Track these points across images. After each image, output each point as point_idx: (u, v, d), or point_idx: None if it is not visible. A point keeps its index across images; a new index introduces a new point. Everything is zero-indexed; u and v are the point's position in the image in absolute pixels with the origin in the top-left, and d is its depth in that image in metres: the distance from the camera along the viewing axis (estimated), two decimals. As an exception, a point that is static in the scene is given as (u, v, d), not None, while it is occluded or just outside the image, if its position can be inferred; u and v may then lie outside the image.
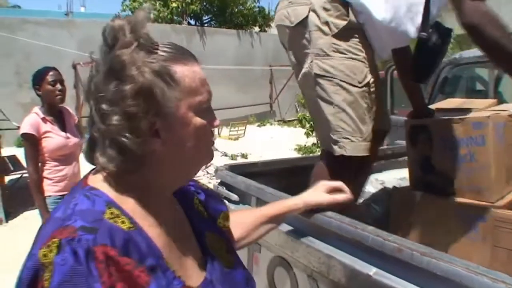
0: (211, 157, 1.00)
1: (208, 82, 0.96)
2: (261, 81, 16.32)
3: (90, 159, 0.92)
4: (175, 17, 17.27)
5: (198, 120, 0.91)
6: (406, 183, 2.29)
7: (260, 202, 1.80)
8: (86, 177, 0.94)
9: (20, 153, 7.52)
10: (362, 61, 1.89)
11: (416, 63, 1.92)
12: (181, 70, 0.89)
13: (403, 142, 3.27)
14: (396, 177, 2.82)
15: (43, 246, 0.75)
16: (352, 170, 1.94)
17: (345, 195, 1.45)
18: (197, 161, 0.98)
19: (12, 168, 6.76)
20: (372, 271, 1.28)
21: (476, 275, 1.03)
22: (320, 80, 1.89)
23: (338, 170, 1.89)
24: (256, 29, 19.14)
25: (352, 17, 1.89)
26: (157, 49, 0.89)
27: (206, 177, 8.24)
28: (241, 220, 1.34)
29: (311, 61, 1.91)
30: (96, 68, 0.87)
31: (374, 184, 2.74)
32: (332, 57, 1.87)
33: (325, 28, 1.87)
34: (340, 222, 1.40)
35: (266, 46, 16.46)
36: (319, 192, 1.43)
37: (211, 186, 1.56)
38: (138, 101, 0.83)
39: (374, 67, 1.96)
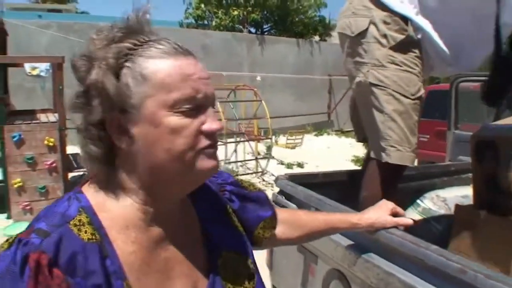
0: (205, 167, 0.85)
1: (202, 79, 0.84)
2: (320, 90, 16.23)
3: None
4: (236, 25, 17.49)
5: (173, 120, 0.81)
6: (469, 201, 2.23)
7: (319, 214, 1.80)
8: (87, 180, 0.92)
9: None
10: (416, 75, 1.97)
11: (492, 84, 1.92)
12: (154, 65, 0.81)
13: (467, 159, 3.20)
14: (458, 194, 2.74)
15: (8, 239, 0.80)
16: (396, 179, 2.03)
17: (407, 221, 1.42)
18: (181, 167, 0.83)
19: (75, 166, 7.04)
20: (433, 291, 1.26)
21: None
22: (374, 89, 1.98)
23: (384, 177, 1.99)
24: (316, 38, 19.07)
25: (411, 31, 1.95)
26: (131, 42, 0.83)
27: (261, 184, 8.30)
28: (301, 223, 1.31)
29: (367, 71, 2.00)
30: None
31: (435, 200, 2.67)
32: (387, 68, 1.96)
33: (383, 41, 1.97)
34: (402, 239, 1.38)
35: (326, 55, 16.37)
36: (383, 213, 1.40)
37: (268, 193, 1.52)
38: (97, 96, 0.81)
39: (424, 82, 2.03)
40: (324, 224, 1.33)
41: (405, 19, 1.96)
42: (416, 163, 2.56)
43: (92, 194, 0.87)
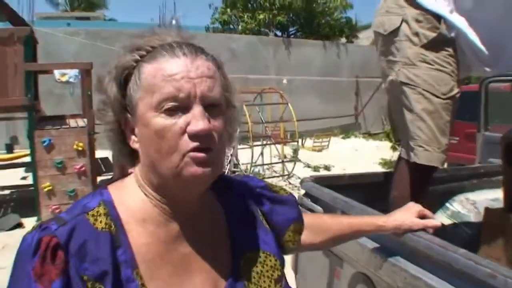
0: (190, 173, 0.83)
1: (188, 78, 0.83)
2: (347, 92, 16.13)
3: None
4: (262, 29, 17.53)
5: (156, 122, 0.82)
6: (499, 204, 2.18)
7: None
8: (116, 179, 1.00)
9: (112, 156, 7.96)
10: (449, 74, 1.94)
11: None
12: (148, 69, 0.85)
13: (497, 161, 3.14)
14: (488, 197, 2.68)
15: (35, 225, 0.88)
16: (426, 179, 2.01)
17: (435, 223, 1.38)
18: (169, 170, 0.83)
19: (104, 169, 7.16)
20: (461, 295, 1.23)
21: None
22: (405, 88, 1.97)
23: (413, 178, 1.98)
24: (343, 40, 18.98)
25: (443, 30, 1.93)
26: (146, 49, 0.88)
27: (287, 187, 8.27)
28: (326, 227, 1.29)
29: (399, 69, 1.99)
30: None
31: (464, 203, 2.62)
32: (418, 67, 1.94)
33: (415, 39, 1.95)
34: (430, 242, 1.34)
35: (353, 57, 16.27)
36: (410, 215, 1.36)
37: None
38: (105, 99, 0.90)
39: (460, 81, 1.99)
40: (348, 227, 1.31)
41: (438, 17, 1.94)
42: (445, 165, 2.51)
43: (114, 189, 0.92)
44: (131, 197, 0.91)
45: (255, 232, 1.04)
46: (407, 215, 1.36)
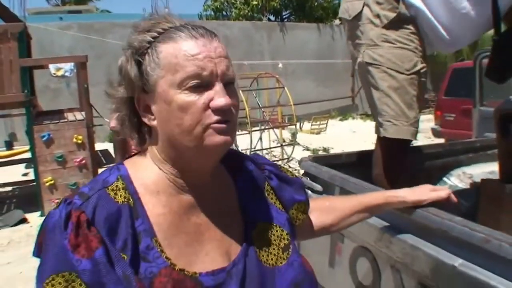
0: (214, 142, 0.89)
1: (209, 57, 0.89)
2: (343, 74, 16.10)
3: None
4: (255, 14, 17.44)
5: (180, 98, 0.88)
6: (496, 177, 2.21)
7: (344, 192, 1.82)
8: (131, 155, 1.05)
9: (111, 148, 7.99)
10: (412, 51, 2.02)
11: (493, 65, 1.96)
12: (166, 48, 0.90)
13: (493, 135, 3.17)
14: (485, 170, 2.71)
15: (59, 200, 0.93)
16: (402, 153, 2.08)
17: (448, 191, 1.40)
18: (191, 142, 0.90)
19: (104, 161, 7.20)
20: (457, 262, 1.26)
21: None
22: (370, 68, 2.07)
23: (389, 153, 2.07)
24: (337, 21, 18.87)
25: (402, 9, 2.01)
26: (157, 31, 0.92)
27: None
28: (335, 206, 1.33)
29: (364, 51, 2.09)
30: None
31: (461, 177, 2.65)
32: (381, 47, 2.04)
33: (376, 21, 2.04)
34: (426, 212, 1.38)
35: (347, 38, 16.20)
36: (423, 189, 1.39)
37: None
38: (123, 79, 0.95)
39: (426, 57, 2.07)
40: (358, 203, 1.33)
41: None
42: (443, 141, 2.54)
43: (131, 165, 0.99)
44: (146, 171, 0.97)
45: (263, 204, 1.10)
46: (418, 189, 1.39)
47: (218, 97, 0.89)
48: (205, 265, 0.94)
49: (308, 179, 2.12)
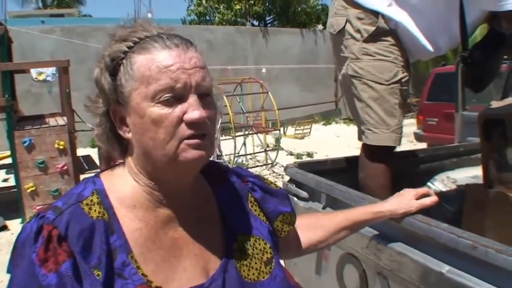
0: (188, 157, 0.86)
1: (183, 69, 0.86)
2: (326, 79, 16.17)
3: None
4: (238, 19, 17.45)
5: (153, 111, 0.85)
6: (479, 181, 2.23)
7: (330, 199, 1.82)
8: (107, 168, 1.02)
9: (94, 153, 7.91)
10: (392, 62, 2.12)
11: (466, 77, 2.15)
12: (140, 60, 0.87)
13: (475, 139, 3.19)
14: (469, 175, 2.73)
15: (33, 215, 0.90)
16: (385, 158, 2.16)
17: (433, 198, 1.39)
18: (165, 157, 0.87)
19: (86, 167, 7.10)
20: (445, 269, 1.27)
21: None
22: (353, 80, 2.19)
23: (374, 158, 2.17)
24: (320, 27, 18.98)
25: (381, 23, 2.10)
26: (132, 40, 0.89)
27: (271, 176, 8.32)
28: (321, 222, 1.32)
29: (347, 64, 2.20)
30: None
31: (445, 182, 2.67)
32: (362, 60, 2.15)
33: (357, 35, 2.15)
34: (413, 219, 1.38)
35: (330, 44, 16.23)
36: (408, 198, 1.38)
37: (279, 184, 1.52)
38: (100, 92, 0.93)
39: (408, 66, 2.18)
40: (345, 219, 1.32)
41: (376, 13, 2.11)
42: (426, 146, 2.59)
43: (106, 178, 0.96)
44: (122, 184, 0.94)
45: (245, 217, 1.07)
46: (403, 199, 1.38)
47: (192, 110, 0.86)
48: (182, 281, 0.92)
49: (294, 185, 2.11)
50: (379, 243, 1.50)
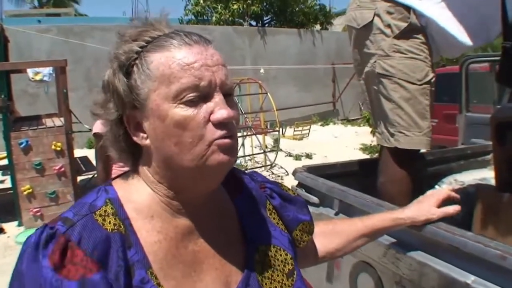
0: (217, 161, 0.80)
1: (206, 66, 0.80)
2: (324, 79, 16.16)
3: None
4: (236, 19, 17.41)
5: (176, 113, 0.78)
6: (487, 184, 2.18)
7: (343, 205, 1.76)
8: (119, 175, 0.94)
9: (91, 154, 7.84)
10: (423, 61, 2.02)
11: (502, 69, 1.97)
12: (158, 58, 0.80)
13: (479, 141, 3.16)
14: (476, 177, 2.69)
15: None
16: (410, 162, 2.06)
17: (456, 207, 1.32)
18: (192, 162, 0.80)
19: (84, 169, 7.03)
20: (470, 279, 1.22)
21: None
22: (382, 79, 2.06)
23: (397, 162, 2.05)
24: (318, 27, 18.97)
25: (413, 19, 2.00)
26: (145, 40, 0.83)
27: (271, 177, 8.25)
28: (338, 229, 1.25)
29: (375, 61, 2.07)
30: None
31: (453, 185, 2.62)
32: (392, 57, 2.03)
33: (387, 31, 2.03)
34: (436, 228, 1.31)
35: (328, 44, 16.29)
36: (429, 205, 1.31)
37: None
38: (112, 96, 0.84)
39: (433, 66, 2.08)
40: (363, 226, 1.25)
41: (408, 8, 2.01)
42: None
43: (120, 186, 0.88)
44: (138, 194, 0.87)
45: (265, 226, 1.01)
46: (424, 206, 1.31)
47: (219, 109, 0.79)
48: None
49: (303, 190, 2.05)
50: (397, 251, 1.44)
